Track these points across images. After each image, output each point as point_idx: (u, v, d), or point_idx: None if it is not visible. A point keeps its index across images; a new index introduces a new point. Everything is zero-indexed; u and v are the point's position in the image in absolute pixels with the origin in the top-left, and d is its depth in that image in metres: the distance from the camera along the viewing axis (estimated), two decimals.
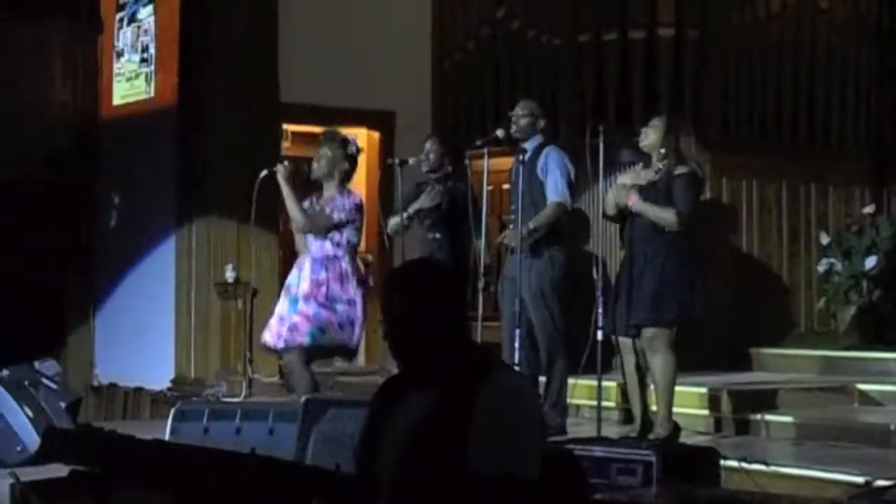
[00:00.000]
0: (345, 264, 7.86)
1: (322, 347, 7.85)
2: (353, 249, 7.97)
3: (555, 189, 7.98)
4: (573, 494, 3.88)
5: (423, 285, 3.58)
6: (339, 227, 7.87)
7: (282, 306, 7.95)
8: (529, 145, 8.04)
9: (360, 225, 8.04)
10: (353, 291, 7.83)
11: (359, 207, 8.01)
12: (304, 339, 7.78)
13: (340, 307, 7.78)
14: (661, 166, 7.49)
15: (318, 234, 7.88)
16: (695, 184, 7.53)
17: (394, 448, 3.48)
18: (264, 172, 8.01)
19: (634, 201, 7.42)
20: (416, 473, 3.39)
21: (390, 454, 3.48)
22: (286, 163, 8.04)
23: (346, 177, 8.08)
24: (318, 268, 7.85)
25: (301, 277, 7.90)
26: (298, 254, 8.10)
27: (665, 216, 7.39)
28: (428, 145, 9.08)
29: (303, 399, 7.05)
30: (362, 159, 11.68)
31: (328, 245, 7.89)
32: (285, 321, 7.85)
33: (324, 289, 7.80)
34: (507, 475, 3.34)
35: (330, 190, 7.99)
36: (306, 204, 7.99)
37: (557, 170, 7.99)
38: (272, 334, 7.91)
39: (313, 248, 7.93)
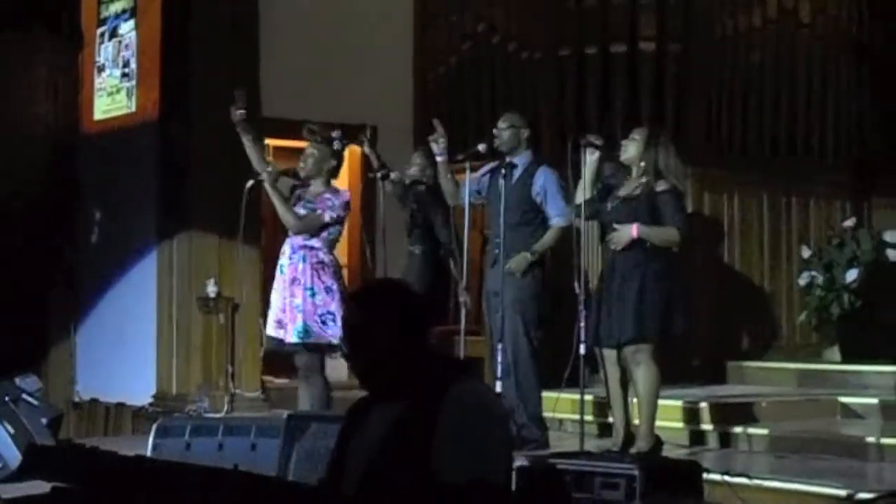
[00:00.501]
0: (322, 255, 7.86)
1: (310, 346, 7.79)
2: (332, 243, 7.97)
3: (559, 213, 7.97)
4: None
5: (380, 302, 3.61)
6: (328, 226, 7.86)
7: (274, 295, 7.97)
8: (519, 161, 8.05)
9: (344, 221, 8.06)
10: (331, 281, 7.80)
11: (348, 205, 8.02)
12: (293, 338, 7.78)
13: (319, 298, 7.75)
14: (642, 181, 7.52)
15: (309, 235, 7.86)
16: (677, 199, 7.56)
17: (359, 462, 3.50)
18: (251, 182, 8.01)
19: (637, 232, 7.40)
20: (382, 485, 3.41)
21: (356, 469, 3.51)
22: (270, 169, 8.01)
23: (334, 173, 8.09)
24: (297, 258, 7.85)
25: (280, 271, 7.94)
26: (252, 161, 8.14)
27: (669, 236, 7.40)
28: (414, 157, 9.14)
29: (285, 415, 7.04)
30: (344, 173, 11.74)
31: (307, 235, 7.90)
32: (284, 308, 7.86)
33: (303, 279, 7.79)
34: (473, 483, 3.34)
35: (318, 187, 7.97)
36: (294, 199, 7.99)
37: (558, 193, 7.99)
38: (273, 324, 7.93)
39: (292, 241, 7.95)
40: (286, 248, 7.96)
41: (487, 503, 3.39)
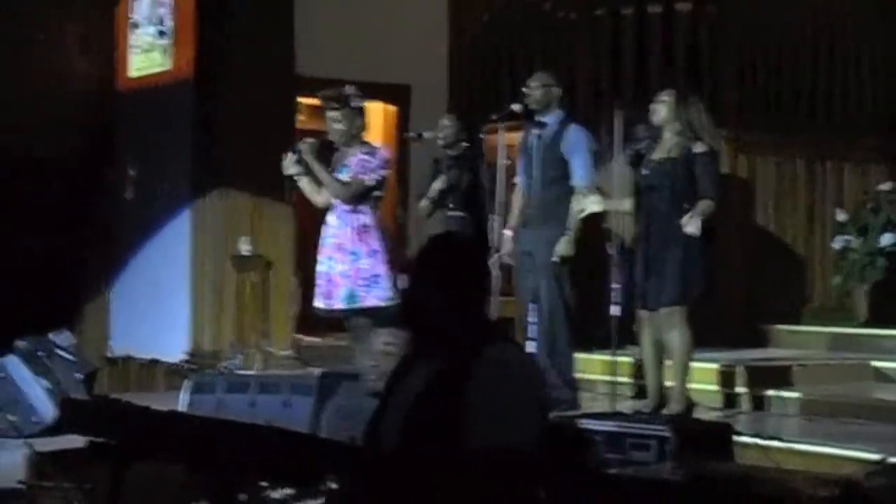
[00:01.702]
0: (364, 217, 7.70)
1: (362, 311, 7.69)
2: (376, 202, 7.81)
3: (583, 175, 7.92)
4: (582, 468, 3.90)
5: (443, 256, 3.64)
6: (372, 188, 7.74)
7: (320, 266, 7.82)
8: (550, 119, 8.01)
9: (386, 180, 7.91)
10: (376, 244, 7.67)
11: (387, 162, 7.89)
12: (340, 305, 7.68)
13: (363, 262, 7.63)
14: (675, 141, 7.49)
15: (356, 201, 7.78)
16: (715, 162, 7.56)
17: (396, 418, 3.53)
18: (290, 154, 7.84)
19: (695, 228, 7.35)
20: (414, 441, 3.44)
21: (393, 423, 3.53)
22: (307, 139, 7.91)
23: (363, 132, 7.92)
24: (340, 223, 7.71)
25: (328, 234, 7.79)
26: (321, 208, 7.92)
27: (709, 211, 7.36)
28: (444, 121, 9.10)
29: (317, 373, 7.07)
30: (378, 133, 11.74)
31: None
32: (330, 279, 7.75)
33: (346, 244, 7.68)
34: (503, 445, 3.37)
35: (354, 151, 7.80)
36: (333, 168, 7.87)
37: (585, 152, 7.95)
38: (320, 295, 7.79)
39: (336, 202, 7.80)
40: (331, 218, 7.79)
41: (517, 464, 3.41)
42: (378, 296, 7.57)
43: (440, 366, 3.50)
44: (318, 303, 7.82)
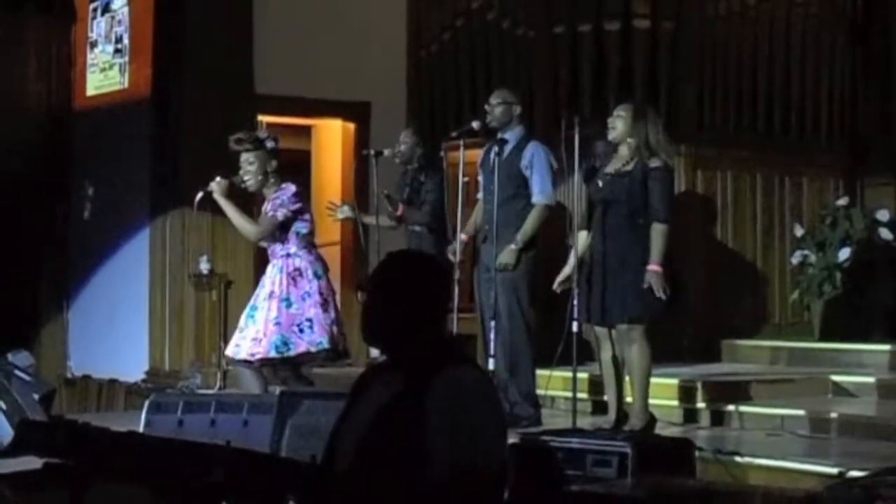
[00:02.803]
0: (298, 261, 7.68)
1: (290, 359, 7.69)
2: (305, 240, 7.76)
3: (541, 189, 7.98)
4: (548, 486, 3.89)
5: (408, 270, 3.66)
6: (286, 224, 7.69)
7: (242, 318, 7.82)
8: (510, 136, 8.04)
9: (307, 214, 7.82)
10: (309, 285, 7.65)
11: (297, 195, 7.78)
12: (270, 353, 7.63)
13: (295, 307, 7.60)
14: (632, 157, 7.52)
15: (271, 239, 7.75)
16: (670, 177, 7.59)
17: (354, 436, 3.52)
18: (200, 194, 7.84)
19: (658, 266, 7.39)
20: (371, 460, 3.42)
21: (350, 442, 3.53)
22: (219, 179, 7.81)
23: (278, 173, 7.82)
24: (274, 272, 7.71)
25: (262, 284, 7.81)
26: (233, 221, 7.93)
27: (663, 236, 7.39)
28: (402, 136, 9.10)
29: (278, 391, 7.04)
30: (337, 150, 11.73)
31: (278, 246, 7.73)
32: (244, 331, 7.72)
33: (278, 290, 7.64)
34: (461, 464, 3.36)
35: (269, 192, 7.79)
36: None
37: (543, 168, 7.99)
38: (231, 345, 7.80)
39: (271, 251, 7.81)
40: (269, 267, 7.79)
41: (479, 487, 3.40)
42: (309, 341, 7.57)
43: (398, 384, 3.49)
44: (229, 351, 7.82)
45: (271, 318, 7.62)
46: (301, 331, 7.59)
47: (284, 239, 7.72)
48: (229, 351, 7.86)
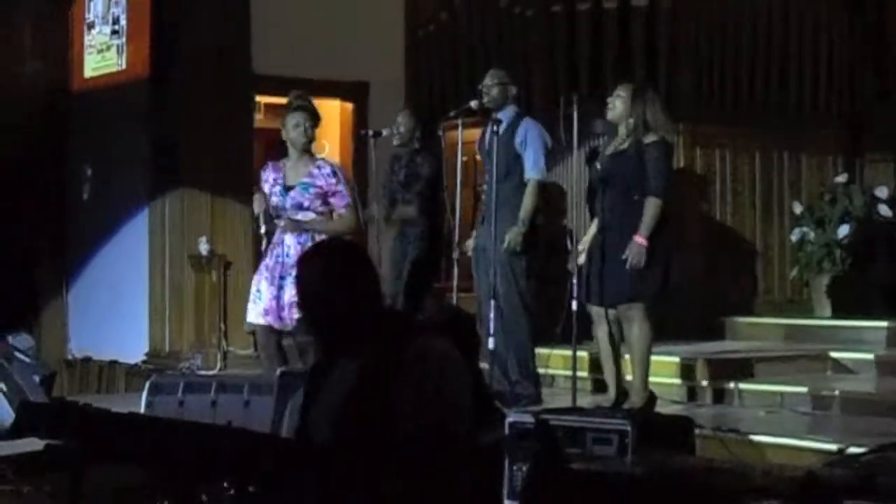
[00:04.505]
0: (317, 238, 7.45)
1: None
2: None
3: (535, 165, 7.98)
4: (547, 464, 3.90)
5: (337, 261, 3.73)
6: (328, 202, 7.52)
7: (272, 284, 7.50)
8: (504, 115, 8.03)
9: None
10: None
11: (345, 176, 7.68)
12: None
13: None
14: (629, 137, 7.52)
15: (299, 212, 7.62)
16: (666, 152, 7.58)
17: (326, 418, 3.59)
18: (262, 228, 7.61)
19: (643, 240, 7.37)
20: (349, 435, 3.49)
21: (323, 424, 3.60)
22: (256, 196, 7.63)
23: (312, 142, 7.69)
24: (304, 240, 7.40)
25: (285, 252, 7.48)
26: (267, 233, 7.68)
27: (655, 211, 7.36)
28: (399, 118, 9.09)
29: (278, 371, 7.05)
30: (335, 130, 11.72)
31: (311, 216, 7.54)
32: (281, 300, 7.46)
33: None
34: (435, 430, 3.46)
35: (300, 162, 7.55)
36: (274, 180, 7.60)
37: (536, 145, 7.99)
38: (263, 312, 7.51)
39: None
40: (289, 237, 7.51)
41: (450, 448, 3.46)
42: None
43: (365, 363, 3.54)
44: (257, 319, 7.59)
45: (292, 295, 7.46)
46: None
47: (322, 211, 7.55)
48: (276, 323, 7.54)
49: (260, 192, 7.64)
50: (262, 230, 7.68)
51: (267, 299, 7.51)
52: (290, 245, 7.52)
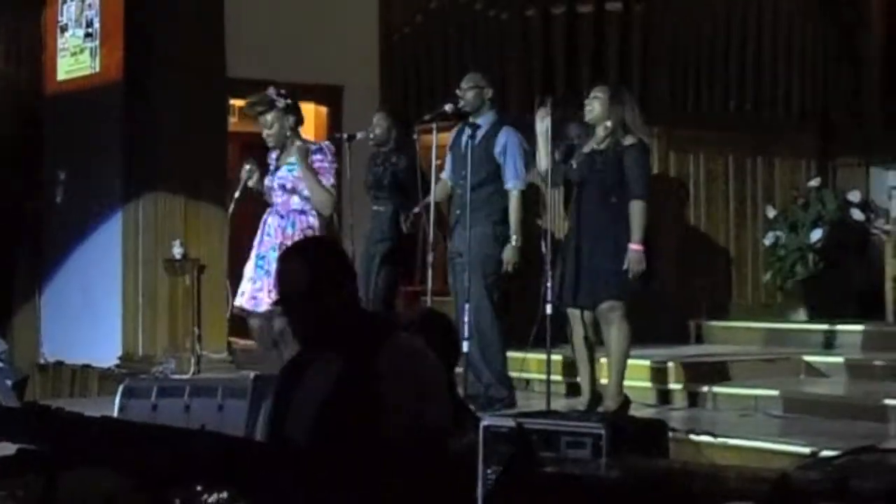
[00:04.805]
0: (311, 218, 7.62)
1: None
2: None
3: (515, 175, 7.98)
4: (522, 467, 3.91)
5: (318, 260, 3.71)
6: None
7: (249, 266, 7.70)
8: (483, 121, 8.04)
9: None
10: None
11: (333, 152, 7.80)
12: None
13: None
14: (604, 138, 7.53)
15: (289, 192, 7.67)
16: (645, 154, 7.59)
17: (303, 418, 3.57)
18: (237, 194, 7.79)
19: (639, 245, 7.40)
20: (331, 436, 3.48)
21: (300, 424, 3.58)
22: (248, 167, 7.78)
23: (298, 127, 7.83)
24: (285, 223, 7.60)
25: (266, 232, 7.67)
26: (238, 201, 7.86)
27: (642, 213, 7.39)
28: (376, 119, 9.09)
29: (251, 376, 7.03)
30: (310, 134, 11.67)
31: (295, 199, 7.64)
32: (256, 281, 7.62)
33: (290, 243, 7.28)
34: (416, 428, 3.47)
35: (293, 149, 7.69)
36: (270, 162, 7.78)
37: (518, 155, 7.99)
38: (246, 297, 7.66)
39: (278, 202, 7.70)
40: (272, 218, 7.67)
41: (431, 445, 3.46)
42: None
43: (344, 363, 3.54)
44: (242, 302, 7.70)
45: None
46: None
47: (305, 195, 7.63)
48: (247, 304, 7.65)
49: (250, 163, 7.78)
50: (236, 195, 7.84)
51: (247, 280, 7.65)
52: (272, 225, 7.67)
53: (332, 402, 3.51)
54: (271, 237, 7.64)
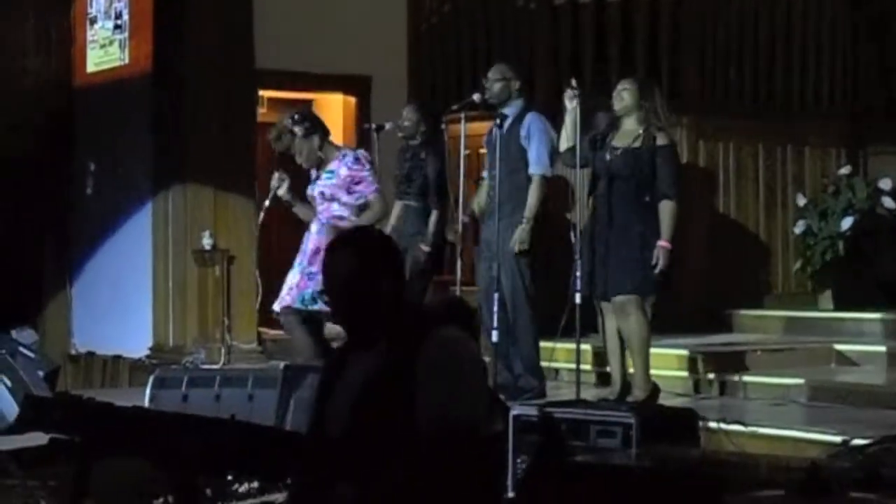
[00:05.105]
0: (347, 224, 7.65)
1: (315, 314, 7.71)
2: (359, 208, 7.78)
3: (538, 160, 7.97)
4: (551, 456, 3.91)
5: (369, 250, 3.66)
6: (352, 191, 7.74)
7: (291, 273, 7.83)
8: (510, 111, 8.03)
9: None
10: None
11: (368, 158, 7.91)
12: (294, 303, 7.67)
13: None
14: (639, 131, 7.53)
15: (328, 201, 7.75)
16: (676, 155, 7.70)
17: (342, 411, 3.54)
18: (267, 203, 7.94)
19: (666, 244, 7.42)
20: (366, 428, 3.45)
21: (339, 417, 3.55)
22: (277, 174, 7.85)
23: (326, 140, 7.90)
24: (322, 230, 7.70)
25: (307, 240, 7.82)
26: (304, 220, 7.97)
27: (673, 214, 7.44)
28: (405, 112, 9.09)
29: (281, 366, 7.06)
30: (338, 125, 11.70)
31: (335, 206, 7.74)
32: (290, 285, 7.77)
33: (323, 247, 7.62)
34: (453, 422, 3.42)
35: (330, 157, 7.80)
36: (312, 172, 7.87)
37: (540, 139, 7.98)
38: (278, 299, 7.83)
39: (319, 209, 7.80)
40: (313, 225, 7.81)
41: (470, 442, 3.45)
42: None
43: (383, 356, 3.52)
44: (276, 305, 7.85)
45: (306, 272, 7.64)
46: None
47: (343, 201, 7.73)
48: (276, 306, 7.86)
49: (280, 172, 7.86)
50: (266, 204, 8.00)
51: (287, 287, 7.78)
52: (312, 232, 7.81)
53: (368, 392, 3.49)
54: (309, 244, 7.79)
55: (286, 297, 7.73)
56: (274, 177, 7.89)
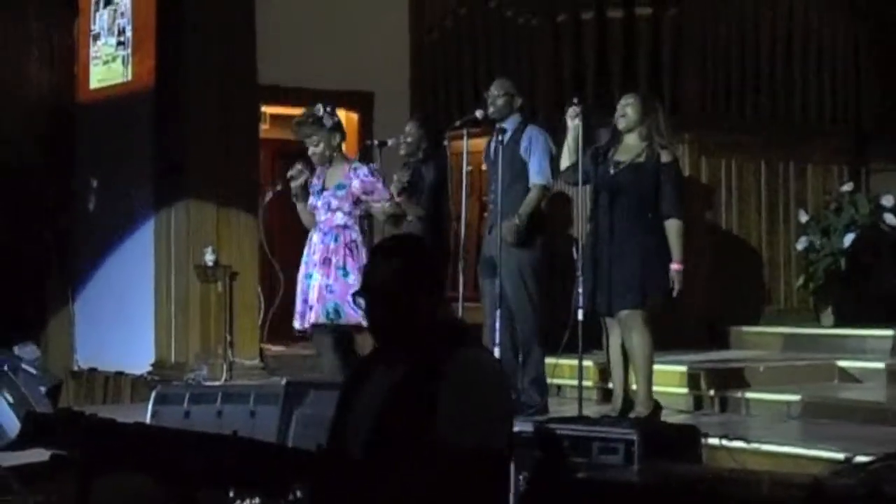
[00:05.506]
0: (353, 234, 7.77)
1: (341, 328, 7.72)
2: (362, 219, 7.90)
3: (538, 170, 7.97)
4: (551, 472, 3.90)
5: (416, 262, 3.62)
6: (359, 201, 7.82)
7: (300, 286, 7.87)
8: (509, 125, 8.04)
9: None
10: (364, 260, 7.65)
11: (376, 168, 8.00)
12: (320, 318, 7.69)
13: (352, 278, 7.58)
14: (643, 146, 7.54)
15: (333, 211, 7.79)
16: (680, 173, 7.73)
17: (363, 421, 3.52)
18: (279, 185, 8.00)
19: (678, 266, 7.46)
20: (386, 444, 3.43)
21: (360, 428, 3.53)
22: (299, 167, 7.91)
23: (342, 144, 7.99)
24: (328, 239, 7.76)
25: (312, 251, 7.84)
26: (308, 228, 8.00)
27: (680, 232, 7.48)
28: (408, 128, 9.09)
29: (283, 382, 7.05)
30: None
31: (339, 216, 7.80)
32: (306, 299, 7.79)
33: (335, 259, 7.70)
34: (474, 445, 3.38)
35: (342, 166, 7.87)
36: (314, 181, 7.91)
37: (542, 151, 7.99)
38: (297, 316, 7.85)
39: (322, 219, 7.84)
40: (314, 235, 7.86)
41: (489, 467, 3.42)
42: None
43: (406, 368, 3.49)
44: (297, 324, 7.90)
45: (325, 285, 7.67)
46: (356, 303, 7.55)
47: (347, 211, 7.79)
48: (299, 324, 7.90)
49: (303, 165, 7.93)
50: (279, 186, 8.17)
51: (299, 302, 7.82)
52: (316, 242, 7.83)
53: (390, 406, 3.46)
54: (317, 253, 7.81)
55: (310, 314, 7.73)
56: (296, 167, 7.92)
